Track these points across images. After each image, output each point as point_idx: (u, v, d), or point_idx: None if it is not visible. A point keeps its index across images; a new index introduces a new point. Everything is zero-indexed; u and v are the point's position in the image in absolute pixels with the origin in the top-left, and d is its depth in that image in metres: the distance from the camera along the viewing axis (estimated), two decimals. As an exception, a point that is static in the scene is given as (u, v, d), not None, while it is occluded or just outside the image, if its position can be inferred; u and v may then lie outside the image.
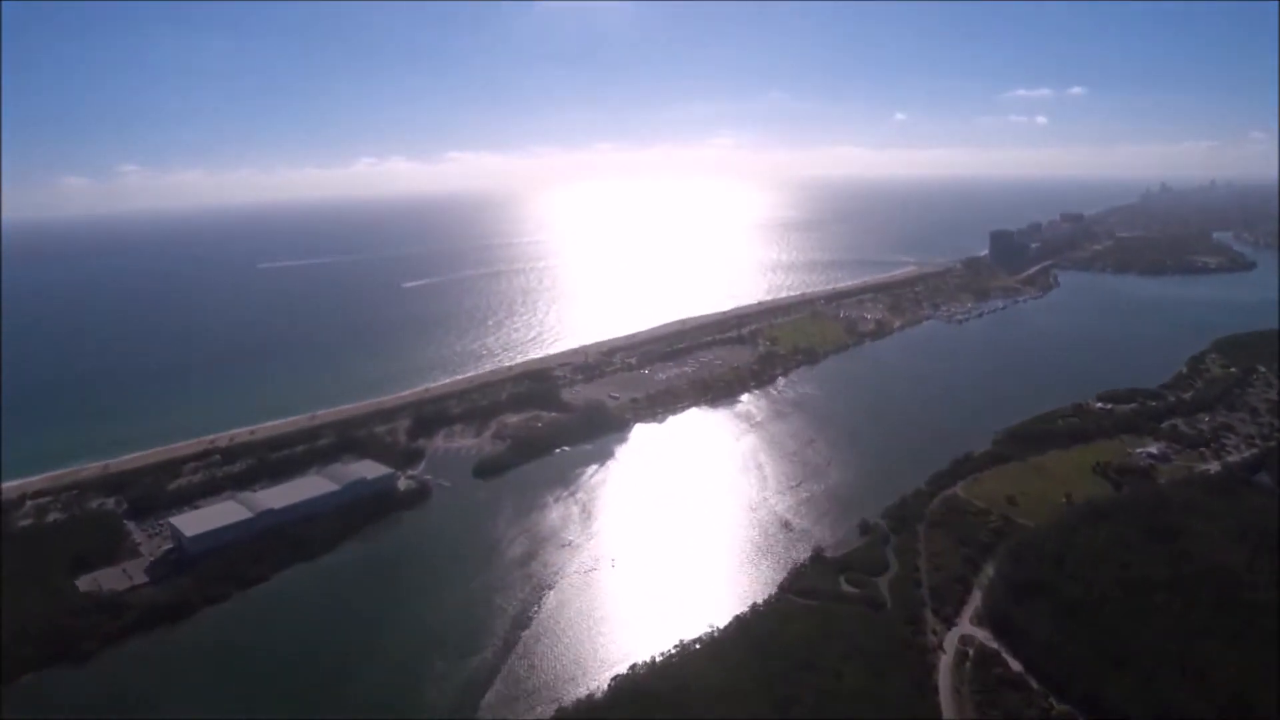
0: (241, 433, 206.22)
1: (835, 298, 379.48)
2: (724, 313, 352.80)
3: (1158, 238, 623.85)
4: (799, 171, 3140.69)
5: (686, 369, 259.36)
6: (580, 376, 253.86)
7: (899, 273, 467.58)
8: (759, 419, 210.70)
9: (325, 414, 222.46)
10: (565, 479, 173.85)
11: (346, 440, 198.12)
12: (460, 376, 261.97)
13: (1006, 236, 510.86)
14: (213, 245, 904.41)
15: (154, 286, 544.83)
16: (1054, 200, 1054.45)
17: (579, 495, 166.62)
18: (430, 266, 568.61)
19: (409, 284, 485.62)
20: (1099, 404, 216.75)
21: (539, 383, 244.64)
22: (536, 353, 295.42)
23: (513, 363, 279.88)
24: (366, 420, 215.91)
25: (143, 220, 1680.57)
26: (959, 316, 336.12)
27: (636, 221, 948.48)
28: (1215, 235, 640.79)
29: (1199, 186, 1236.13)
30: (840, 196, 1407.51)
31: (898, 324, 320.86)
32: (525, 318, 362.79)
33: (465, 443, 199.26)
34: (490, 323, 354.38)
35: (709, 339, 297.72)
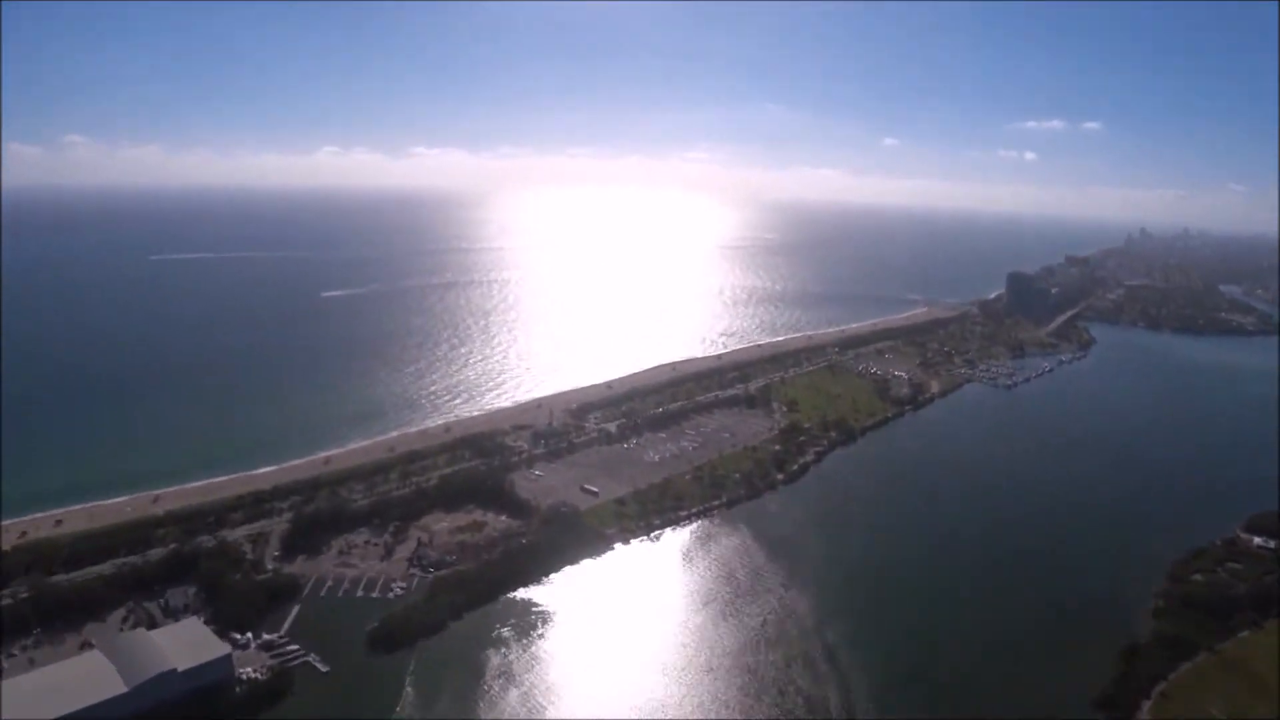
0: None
1: (847, 344, 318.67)
2: (719, 357, 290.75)
3: (1166, 288, 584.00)
4: (774, 192, 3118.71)
5: (685, 444, 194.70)
6: (541, 449, 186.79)
7: (910, 314, 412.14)
8: (801, 547, 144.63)
9: (148, 500, 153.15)
10: (511, 661, 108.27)
11: (174, 563, 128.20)
12: (375, 440, 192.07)
13: (1025, 280, 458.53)
14: (119, 229, 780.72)
15: (13, 279, 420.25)
16: (1042, 238, 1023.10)
17: (532, 697, 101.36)
18: (367, 271, 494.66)
19: (331, 293, 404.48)
20: (1255, 539, 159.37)
21: (484, 457, 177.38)
22: (484, 403, 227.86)
23: (451, 419, 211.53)
24: (218, 514, 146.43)
25: (64, 196, 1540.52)
26: (1005, 379, 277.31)
27: (609, 233, 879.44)
28: (1223, 288, 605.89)
29: (1175, 234, 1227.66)
30: (820, 221, 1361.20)
31: (935, 386, 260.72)
32: (476, 347, 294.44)
33: (367, 567, 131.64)
34: (430, 354, 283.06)
35: (708, 397, 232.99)
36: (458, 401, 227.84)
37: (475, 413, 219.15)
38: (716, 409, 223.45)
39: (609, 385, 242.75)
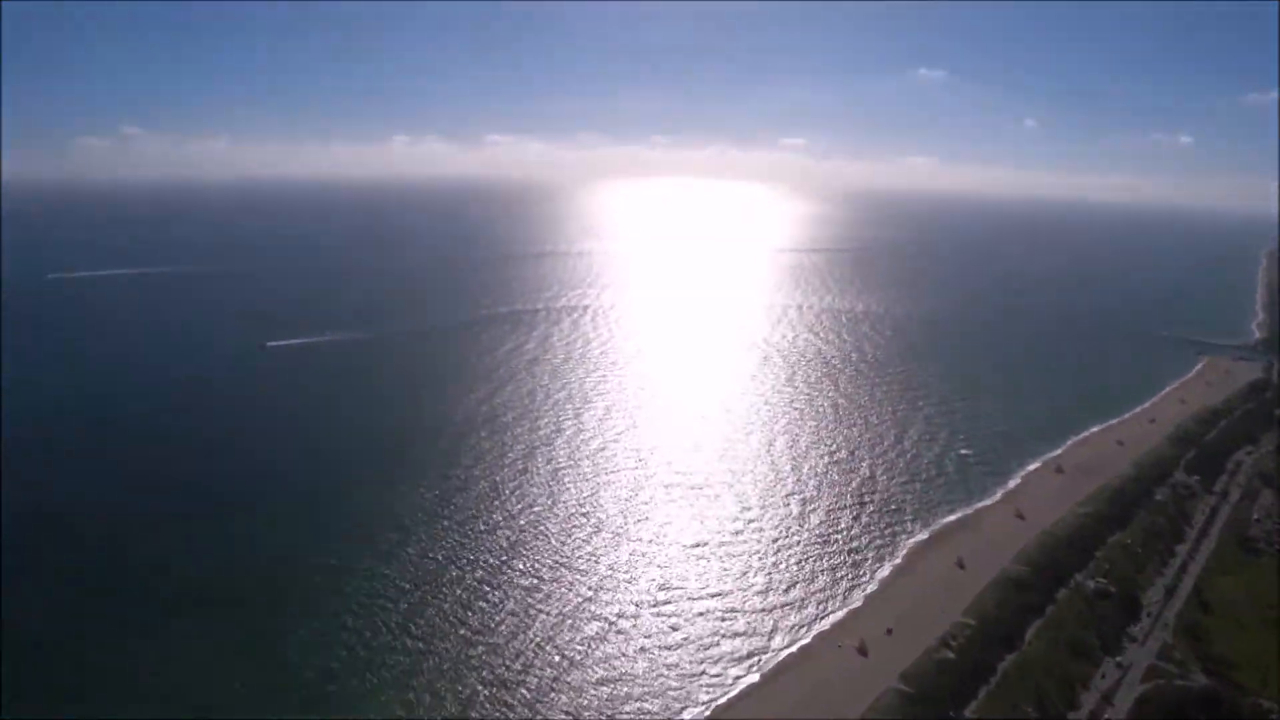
0: None
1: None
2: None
3: None
4: (868, 183, 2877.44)
5: None
6: None
7: (1189, 383, 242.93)
8: None
9: None
10: None
11: None
12: None
13: None
14: (43, 234, 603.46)
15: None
16: (1179, 235, 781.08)
17: None
18: (399, 291, 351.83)
19: (276, 342, 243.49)
20: None
21: None
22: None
23: None
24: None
25: (70, 192, 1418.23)
26: None
27: (717, 231, 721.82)
28: None
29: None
30: (936, 218, 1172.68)
31: None
32: (592, 493, 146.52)
33: None
34: (482, 517, 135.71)
35: None
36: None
37: None
38: None
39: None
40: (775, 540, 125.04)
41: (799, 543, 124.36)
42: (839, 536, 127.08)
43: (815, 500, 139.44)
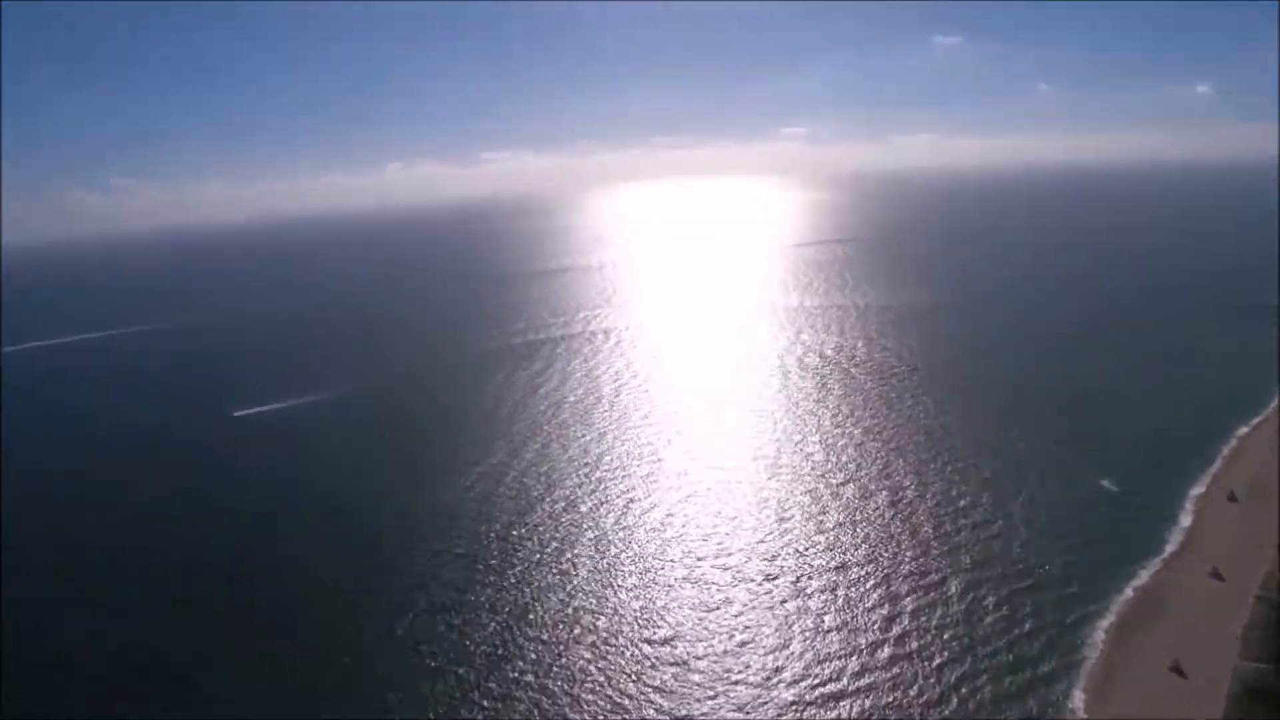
0: None
1: None
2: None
3: None
4: (875, 164, 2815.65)
5: None
6: None
7: None
8: None
9: None
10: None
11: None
12: None
13: None
14: None
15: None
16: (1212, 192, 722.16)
17: None
18: (393, 330, 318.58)
19: (245, 411, 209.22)
20: None
21: None
22: None
23: None
24: None
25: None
26: None
27: (719, 230, 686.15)
28: None
29: None
30: (951, 195, 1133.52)
31: None
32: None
33: None
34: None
35: None
36: None
37: None
38: None
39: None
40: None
41: (927, 657, 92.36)
42: (991, 637, 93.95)
43: (930, 580, 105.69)
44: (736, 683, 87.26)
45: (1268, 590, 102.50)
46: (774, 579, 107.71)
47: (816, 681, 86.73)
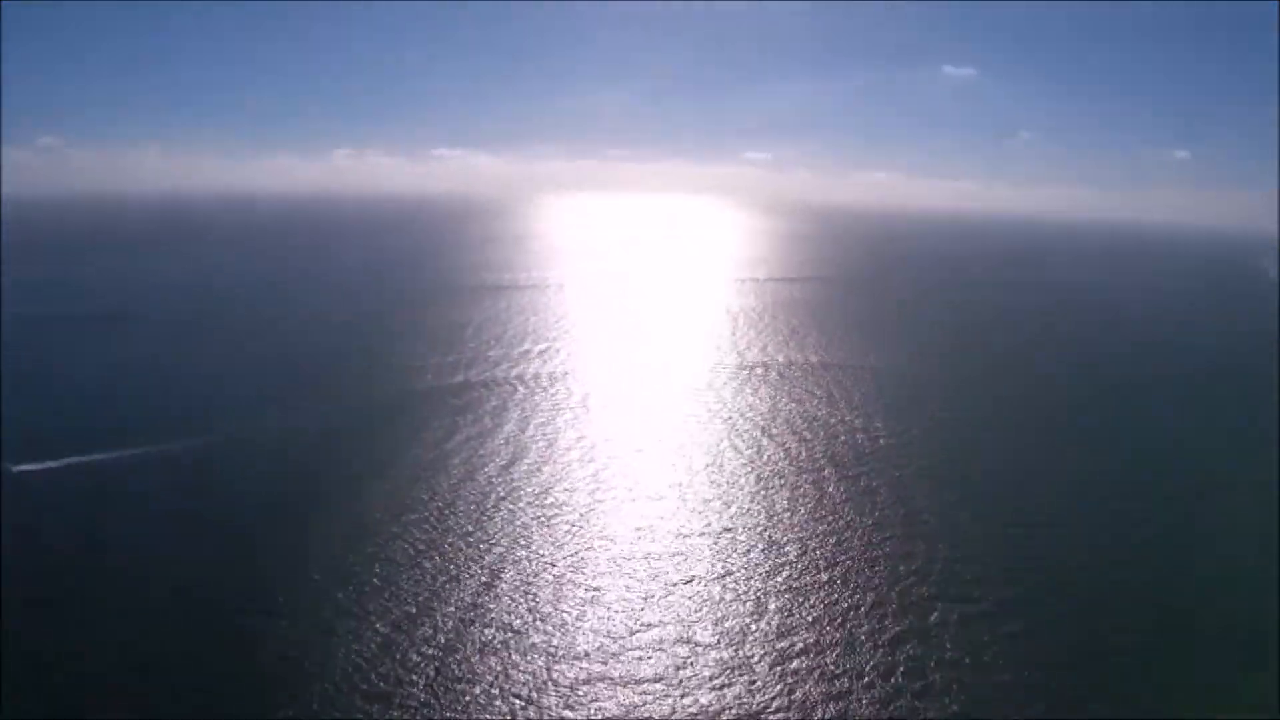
0: None
1: None
2: None
3: None
4: (840, 197, 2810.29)
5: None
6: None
7: None
8: None
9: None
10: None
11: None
12: None
13: None
14: None
15: None
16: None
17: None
18: (304, 350, 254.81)
19: (28, 466, 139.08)
20: None
21: None
22: None
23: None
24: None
25: None
26: None
27: (675, 253, 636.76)
28: None
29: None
30: (930, 238, 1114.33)
31: None
32: None
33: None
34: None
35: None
36: None
37: None
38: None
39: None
40: None
41: None
42: None
43: None
44: None
45: None
46: None
47: None
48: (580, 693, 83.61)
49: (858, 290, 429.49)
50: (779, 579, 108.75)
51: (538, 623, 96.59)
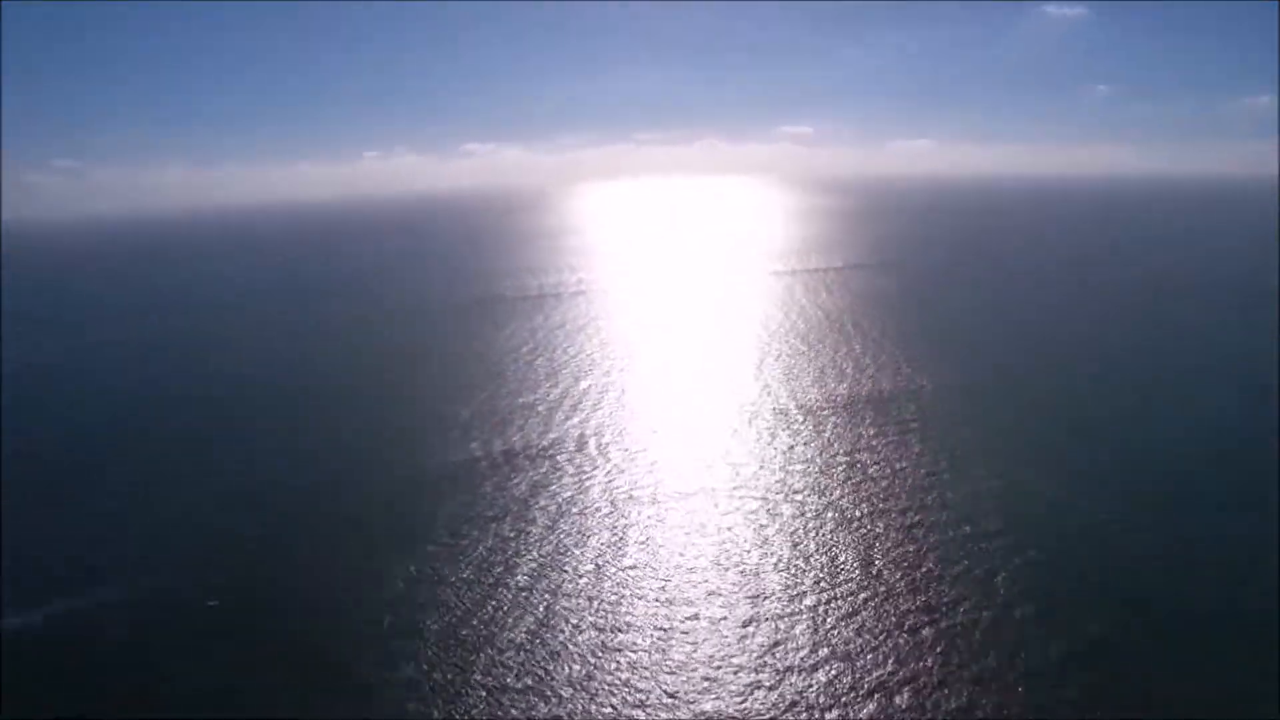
0: None
1: None
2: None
3: None
4: (891, 168, 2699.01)
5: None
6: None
7: None
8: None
9: None
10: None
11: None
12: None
13: None
14: None
15: None
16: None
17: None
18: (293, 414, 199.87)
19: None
20: None
21: None
22: None
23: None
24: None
25: None
26: None
27: (707, 245, 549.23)
28: None
29: None
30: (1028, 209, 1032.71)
31: None
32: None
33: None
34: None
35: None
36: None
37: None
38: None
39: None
40: None
41: None
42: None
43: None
44: None
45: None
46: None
47: None
48: None
49: (918, 275, 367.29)
50: None
51: None
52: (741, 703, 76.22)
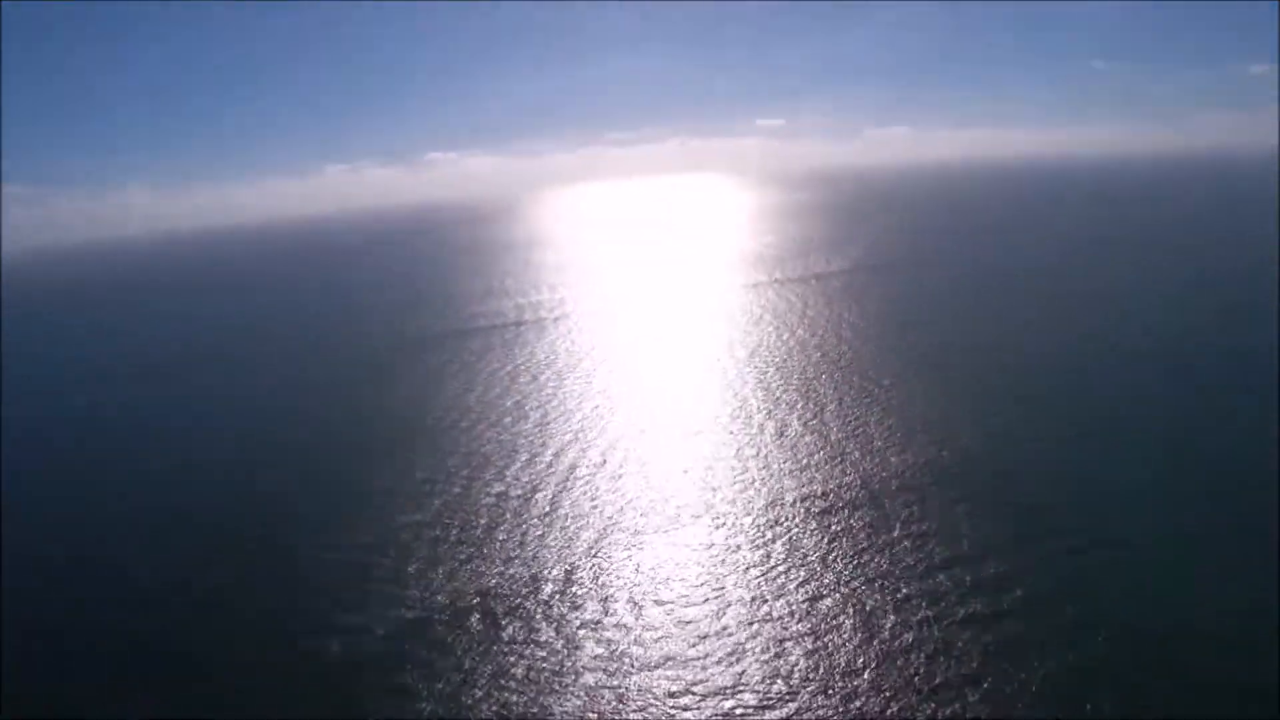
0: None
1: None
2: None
3: None
4: (853, 161, 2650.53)
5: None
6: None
7: None
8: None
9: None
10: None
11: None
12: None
13: None
14: None
15: None
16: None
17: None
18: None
19: None
20: None
21: None
22: None
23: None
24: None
25: None
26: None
27: (670, 253, 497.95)
28: None
29: None
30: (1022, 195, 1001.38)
31: None
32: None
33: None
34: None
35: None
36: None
37: None
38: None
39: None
40: None
41: None
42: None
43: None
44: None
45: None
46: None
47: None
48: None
49: (892, 278, 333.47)
50: None
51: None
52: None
